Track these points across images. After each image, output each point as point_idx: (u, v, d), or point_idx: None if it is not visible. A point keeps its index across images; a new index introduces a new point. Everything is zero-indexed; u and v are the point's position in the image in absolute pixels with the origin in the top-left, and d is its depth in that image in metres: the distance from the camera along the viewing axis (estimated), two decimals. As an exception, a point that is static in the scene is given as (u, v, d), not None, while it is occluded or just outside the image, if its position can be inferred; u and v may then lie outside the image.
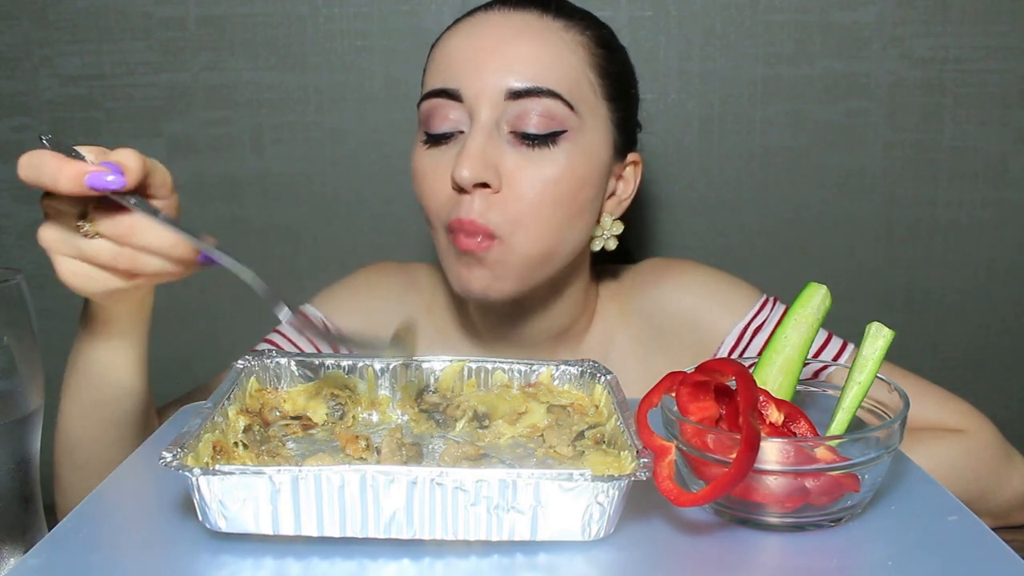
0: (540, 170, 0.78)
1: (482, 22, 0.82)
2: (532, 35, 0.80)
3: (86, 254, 0.60)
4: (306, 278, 1.20)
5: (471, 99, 0.79)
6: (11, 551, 0.61)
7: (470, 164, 0.76)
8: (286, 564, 0.48)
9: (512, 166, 0.78)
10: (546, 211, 0.79)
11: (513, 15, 0.81)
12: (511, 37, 0.80)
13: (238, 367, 0.63)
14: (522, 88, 0.78)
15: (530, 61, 0.79)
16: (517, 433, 0.62)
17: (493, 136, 0.78)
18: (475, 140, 0.77)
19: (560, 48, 0.80)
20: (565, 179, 0.79)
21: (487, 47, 0.79)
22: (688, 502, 0.50)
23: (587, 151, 0.81)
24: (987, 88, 1.14)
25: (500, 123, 0.78)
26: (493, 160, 0.78)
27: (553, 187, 0.79)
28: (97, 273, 0.61)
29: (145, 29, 1.15)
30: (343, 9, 1.14)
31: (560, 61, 0.80)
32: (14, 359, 0.61)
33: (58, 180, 0.57)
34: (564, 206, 0.80)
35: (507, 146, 0.79)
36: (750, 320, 0.88)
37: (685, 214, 1.18)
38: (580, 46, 0.81)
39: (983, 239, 1.18)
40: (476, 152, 0.77)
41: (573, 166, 0.79)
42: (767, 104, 1.15)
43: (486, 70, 0.78)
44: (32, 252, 1.21)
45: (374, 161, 1.18)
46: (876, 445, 0.52)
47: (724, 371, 0.54)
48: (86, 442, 0.74)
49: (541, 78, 0.78)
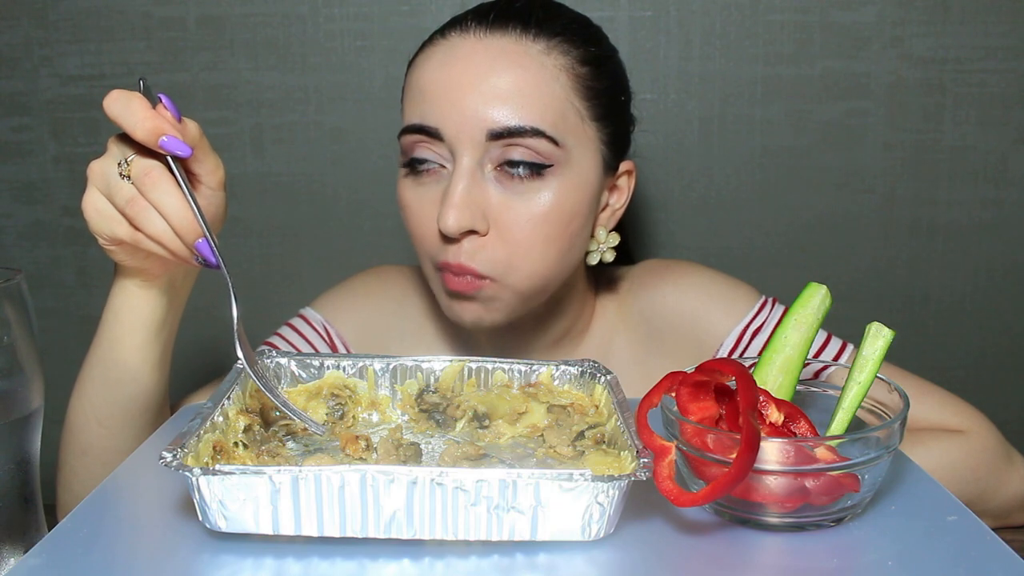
0: (527, 207, 0.76)
1: (457, 48, 0.77)
2: (510, 64, 0.76)
3: (110, 189, 0.64)
4: (306, 278, 1.20)
5: (451, 138, 0.76)
6: (11, 551, 0.61)
7: (455, 214, 0.74)
8: (286, 564, 0.48)
9: (498, 205, 0.76)
10: (537, 249, 0.77)
11: (490, 39, 0.77)
12: (489, 67, 0.76)
13: (238, 367, 0.63)
14: (503, 128, 0.75)
15: (510, 95, 0.75)
16: (517, 433, 0.62)
17: (476, 177, 0.76)
18: (458, 187, 0.75)
19: (541, 77, 0.76)
20: (554, 214, 0.77)
21: (464, 82, 0.75)
22: (688, 502, 0.50)
23: (576, 181, 0.78)
24: (987, 88, 1.14)
25: (483, 161, 0.76)
26: (479, 203, 0.76)
27: (542, 224, 0.77)
28: (110, 212, 0.65)
29: (145, 29, 1.15)
30: (343, 9, 1.14)
31: (542, 93, 0.76)
32: (14, 359, 0.61)
33: (137, 127, 0.62)
34: (555, 241, 0.78)
35: (492, 184, 0.76)
36: (749, 321, 0.88)
37: (685, 214, 1.18)
38: (562, 71, 0.77)
39: (983, 239, 1.18)
40: (460, 200, 0.75)
41: (561, 199, 0.77)
42: (767, 104, 1.15)
43: (464, 108, 0.75)
44: (32, 252, 1.21)
45: (374, 161, 1.18)
46: (876, 445, 0.52)
47: (724, 371, 0.54)
48: (94, 424, 0.74)
49: (523, 116, 0.75)
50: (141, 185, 0.63)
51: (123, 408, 0.74)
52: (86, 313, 1.22)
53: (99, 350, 0.74)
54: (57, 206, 1.20)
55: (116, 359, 0.73)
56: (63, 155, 1.18)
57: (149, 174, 0.63)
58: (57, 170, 1.19)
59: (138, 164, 0.63)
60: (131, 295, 0.72)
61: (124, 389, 0.74)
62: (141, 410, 0.75)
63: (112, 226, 0.65)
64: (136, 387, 0.74)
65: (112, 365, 0.73)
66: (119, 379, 0.73)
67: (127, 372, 0.73)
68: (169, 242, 0.63)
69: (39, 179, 1.19)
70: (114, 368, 0.73)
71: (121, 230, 0.65)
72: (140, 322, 0.72)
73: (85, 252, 1.21)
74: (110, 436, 0.74)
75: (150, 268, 0.70)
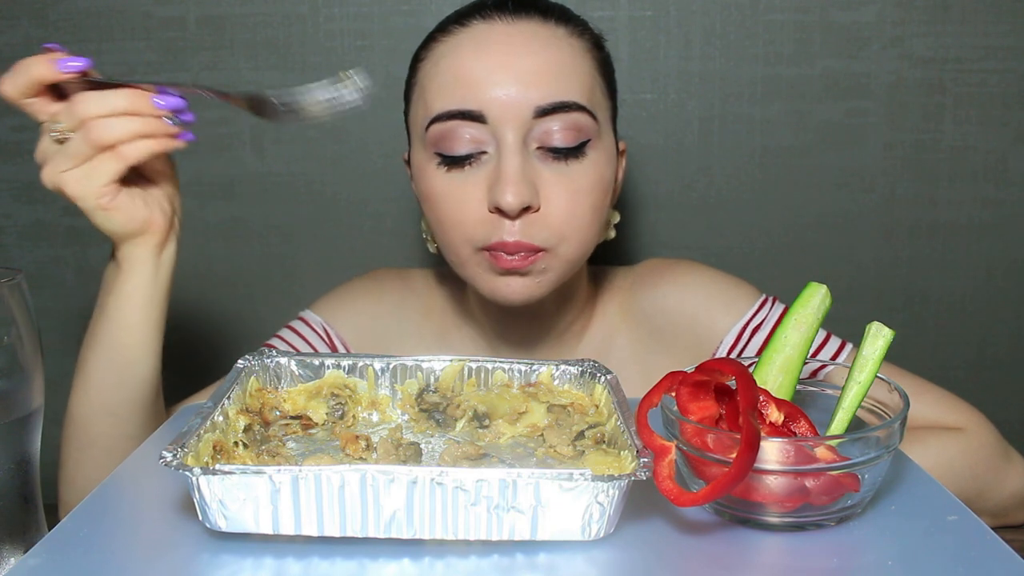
0: (574, 182, 0.78)
1: (487, 34, 0.79)
2: (545, 45, 0.79)
3: (70, 154, 0.67)
4: (306, 278, 1.20)
5: (495, 120, 0.77)
6: (11, 551, 0.61)
7: (515, 190, 0.76)
8: (286, 564, 0.48)
9: (548, 183, 0.78)
10: (586, 220, 0.80)
11: (518, 24, 0.80)
12: (524, 49, 0.78)
13: (238, 367, 0.63)
14: (548, 105, 0.77)
15: (550, 75, 0.78)
16: (517, 433, 0.62)
17: (523, 155, 0.77)
18: (512, 164, 0.76)
19: (574, 57, 0.80)
20: (598, 187, 0.80)
21: (502, 63, 0.77)
22: (688, 502, 0.50)
23: (607, 154, 0.82)
24: (987, 88, 1.14)
25: (527, 140, 0.78)
26: (531, 180, 0.77)
27: (588, 197, 0.79)
28: (90, 169, 0.68)
29: (145, 29, 1.15)
30: (343, 9, 1.14)
31: (577, 70, 0.79)
32: (14, 359, 0.61)
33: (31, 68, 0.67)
34: (599, 211, 0.81)
35: (538, 163, 0.78)
36: (749, 319, 0.88)
37: (685, 214, 1.18)
38: (587, 51, 0.81)
39: (983, 239, 1.18)
40: (518, 176, 0.76)
41: (601, 172, 0.80)
42: (767, 104, 1.15)
43: (508, 88, 0.77)
44: (32, 252, 1.21)
45: (374, 161, 1.18)
46: (876, 445, 0.52)
47: (724, 371, 0.54)
48: (101, 413, 0.75)
49: (564, 91, 0.78)
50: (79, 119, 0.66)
51: (133, 392, 0.75)
52: (86, 313, 1.21)
53: (104, 336, 0.74)
54: (57, 206, 1.19)
55: (125, 342, 0.73)
56: (63, 155, 1.18)
57: (73, 107, 0.67)
58: (57, 170, 1.18)
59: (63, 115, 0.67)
60: (137, 268, 0.73)
61: (133, 371, 0.74)
62: (149, 393, 0.76)
63: (102, 173, 0.68)
64: (145, 368, 0.75)
65: (121, 348, 0.74)
66: (128, 362, 0.74)
67: (135, 352, 0.74)
68: (140, 126, 0.67)
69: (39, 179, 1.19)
70: (123, 351, 0.74)
71: (111, 167, 0.68)
72: (145, 297, 0.73)
73: (85, 252, 1.21)
74: (120, 424, 0.75)
75: (153, 219, 0.72)
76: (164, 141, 0.69)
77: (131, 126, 0.67)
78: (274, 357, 0.66)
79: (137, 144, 0.68)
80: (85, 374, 0.75)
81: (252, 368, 0.64)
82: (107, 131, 0.66)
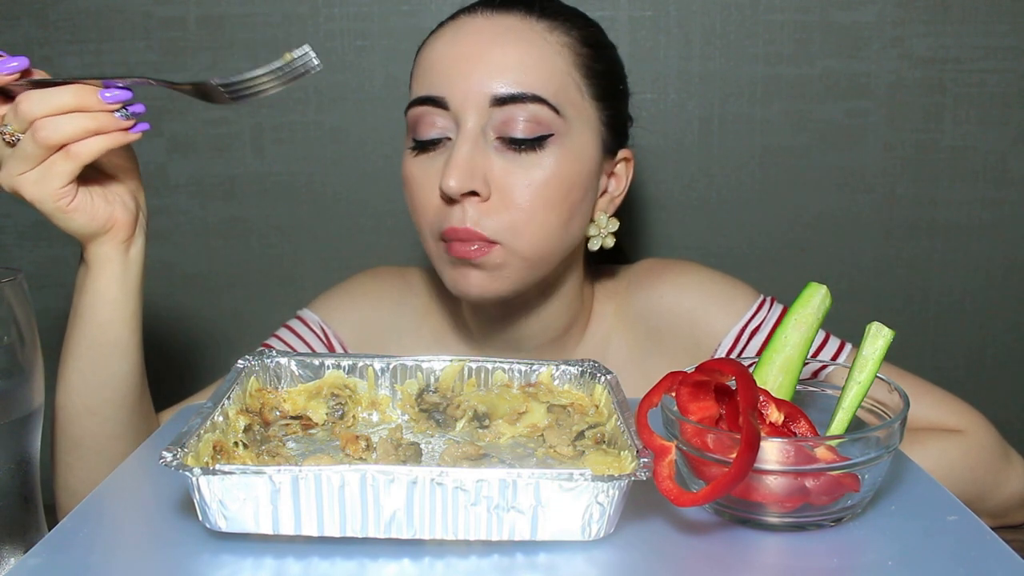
0: (528, 174, 0.78)
1: (465, 26, 0.81)
2: (516, 38, 0.79)
3: (22, 156, 0.65)
4: (306, 278, 1.20)
5: (456, 106, 0.78)
6: (11, 551, 0.61)
7: (457, 174, 0.76)
8: (286, 564, 0.48)
9: (500, 172, 0.78)
10: (539, 216, 0.79)
11: (496, 18, 0.81)
12: (494, 41, 0.79)
13: (238, 367, 0.63)
14: (507, 94, 0.77)
15: (514, 66, 0.78)
16: (517, 433, 0.62)
17: (479, 143, 0.78)
18: (461, 149, 0.77)
19: (544, 51, 0.80)
20: (553, 182, 0.79)
21: (471, 53, 0.79)
22: (688, 502, 0.50)
23: (575, 153, 0.80)
24: (987, 88, 1.14)
25: (486, 129, 0.78)
26: (480, 168, 0.77)
27: (542, 191, 0.78)
28: (44, 171, 0.66)
29: (145, 29, 1.15)
30: (343, 9, 1.14)
31: (544, 64, 0.79)
32: (14, 359, 0.61)
33: None
34: (555, 209, 0.80)
35: (494, 152, 0.78)
36: (747, 321, 0.88)
37: (685, 214, 1.18)
38: (565, 47, 0.81)
39: (983, 239, 1.18)
40: (462, 162, 0.77)
41: (561, 169, 0.79)
42: (767, 104, 1.15)
43: (471, 77, 0.78)
44: (32, 252, 1.21)
45: (374, 161, 1.18)
46: (876, 445, 0.52)
47: (724, 371, 0.54)
48: (84, 414, 0.74)
49: (526, 83, 0.78)
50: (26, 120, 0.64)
51: (114, 391, 0.74)
52: (86, 313, 1.22)
53: (79, 336, 0.73)
54: (57, 206, 1.19)
55: (100, 340, 0.73)
56: (63, 155, 1.18)
57: (19, 107, 0.64)
58: (57, 170, 1.18)
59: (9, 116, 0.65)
60: (106, 267, 0.72)
61: (112, 369, 0.74)
62: (132, 391, 0.75)
63: (53, 175, 0.66)
64: (124, 365, 0.74)
65: (97, 347, 0.73)
66: (105, 360, 0.73)
67: (112, 349, 0.73)
68: (89, 123, 0.65)
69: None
70: (99, 349, 0.73)
71: (61, 167, 0.66)
72: (117, 294, 0.72)
73: (85, 252, 1.21)
74: (104, 424, 0.74)
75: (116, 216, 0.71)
76: (116, 136, 0.67)
77: (80, 123, 0.65)
78: (274, 357, 0.66)
79: (88, 142, 0.66)
80: (65, 376, 0.75)
81: (252, 368, 0.64)
82: (55, 130, 0.64)
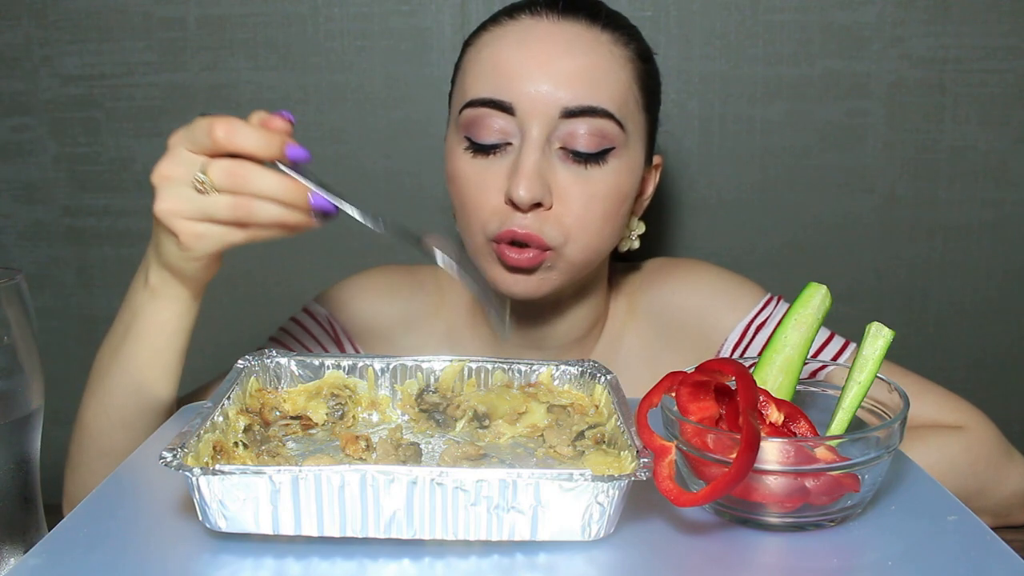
0: (590, 187, 0.79)
1: (532, 30, 0.80)
2: (585, 49, 0.79)
3: (207, 211, 0.63)
4: (307, 278, 1.20)
5: (523, 114, 0.78)
6: (11, 551, 0.61)
7: (527, 184, 0.77)
8: (286, 564, 0.48)
9: (563, 183, 0.79)
10: (595, 225, 0.80)
11: (564, 24, 0.80)
12: (564, 51, 0.79)
13: (238, 367, 0.64)
14: (577, 107, 0.78)
15: (584, 78, 0.78)
16: (517, 433, 0.62)
17: (545, 152, 0.78)
18: (530, 158, 0.77)
19: (612, 64, 0.80)
20: (613, 195, 0.80)
21: (540, 60, 0.79)
22: (688, 502, 0.50)
23: (631, 166, 0.82)
24: (987, 88, 1.14)
25: (551, 139, 0.79)
26: (546, 177, 0.78)
27: (602, 203, 0.80)
28: (216, 229, 0.64)
29: (145, 29, 1.15)
30: (343, 9, 1.14)
31: (612, 79, 0.80)
32: (14, 359, 0.61)
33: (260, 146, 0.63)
34: (611, 219, 0.81)
35: (558, 162, 0.79)
36: (754, 317, 0.89)
37: (685, 214, 1.18)
38: (628, 61, 0.81)
39: (983, 239, 1.18)
40: (532, 171, 0.77)
41: (620, 182, 0.81)
42: (767, 104, 1.15)
43: (540, 85, 0.78)
44: (32, 252, 1.21)
45: (374, 161, 1.18)
46: (876, 445, 0.52)
47: (724, 371, 0.54)
48: (119, 428, 0.74)
49: (594, 97, 0.78)
50: (235, 185, 0.63)
51: (152, 411, 0.74)
52: (86, 313, 1.22)
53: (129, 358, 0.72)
54: (57, 206, 1.19)
55: (150, 365, 0.72)
56: (63, 155, 1.18)
57: (235, 172, 0.63)
58: (57, 170, 1.18)
59: (217, 171, 0.63)
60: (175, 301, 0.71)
61: (155, 393, 0.73)
62: (166, 409, 0.75)
63: (220, 238, 0.65)
64: (166, 390, 0.74)
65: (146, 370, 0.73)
66: (150, 384, 0.73)
67: (159, 376, 0.73)
68: (287, 218, 0.64)
69: (39, 179, 1.19)
70: (147, 373, 0.73)
71: (231, 237, 0.65)
72: (178, 327, 0.72)
73: (85, 252, 1.21)
74: (137, 436, 0.74)
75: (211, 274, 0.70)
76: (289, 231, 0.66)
77: (278, 214, 0.64)
78: (274, 357, 0.66)
79: (269, 232, 0.65)
80: (104, 390, 0.74)
81: (252, 368, 0.64)
82: (259, 212, 0.63)
